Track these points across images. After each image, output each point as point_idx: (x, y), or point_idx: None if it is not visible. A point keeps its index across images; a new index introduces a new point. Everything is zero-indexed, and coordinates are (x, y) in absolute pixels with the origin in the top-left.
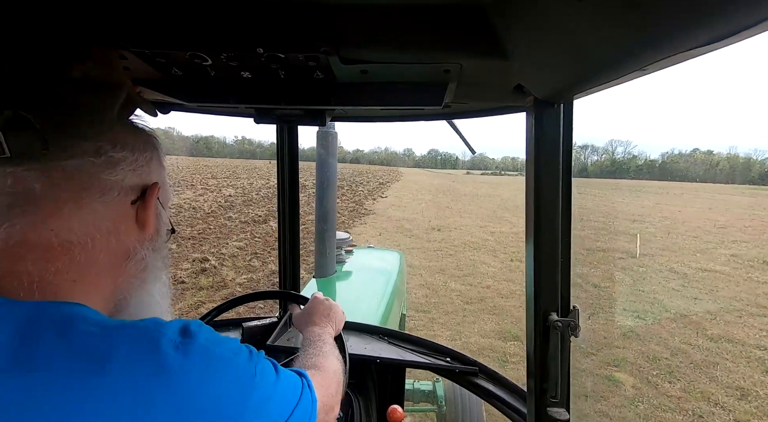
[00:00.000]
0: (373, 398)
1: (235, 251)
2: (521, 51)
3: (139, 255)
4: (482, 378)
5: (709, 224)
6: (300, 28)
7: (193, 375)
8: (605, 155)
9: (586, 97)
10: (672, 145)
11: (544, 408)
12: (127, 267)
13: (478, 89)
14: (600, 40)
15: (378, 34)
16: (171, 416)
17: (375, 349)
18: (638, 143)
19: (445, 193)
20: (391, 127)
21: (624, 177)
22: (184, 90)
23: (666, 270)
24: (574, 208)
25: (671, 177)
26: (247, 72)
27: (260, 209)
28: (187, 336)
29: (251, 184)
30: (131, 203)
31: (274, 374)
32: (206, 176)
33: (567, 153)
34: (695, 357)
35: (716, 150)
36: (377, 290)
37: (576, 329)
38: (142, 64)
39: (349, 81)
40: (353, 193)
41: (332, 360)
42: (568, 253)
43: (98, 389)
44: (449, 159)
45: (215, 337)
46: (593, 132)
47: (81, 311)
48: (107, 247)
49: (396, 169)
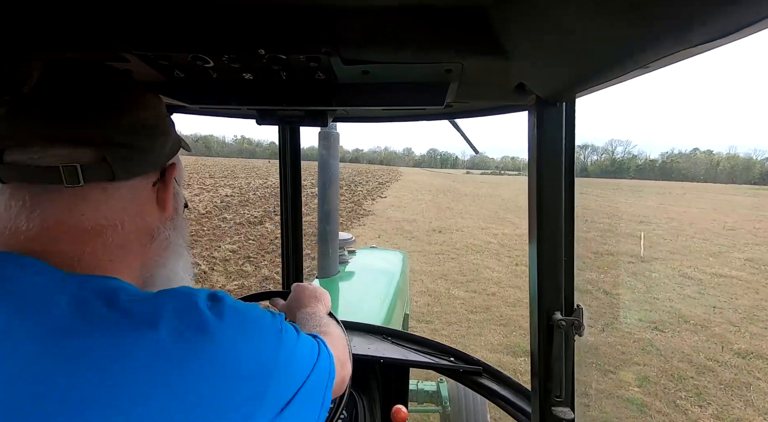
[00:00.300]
0: (376, 398)
1: (228, 254)
2: (522, 50)
3: (162, 236)
4: (486, 377)
5: (717, 225)
6: (301, 29)
7: (229, 332)
8: (605, 155)
9: (586, 97)
10: (671, 144)
11: (549, 408)
12: (152, 246)
13: (479, 88)
14: (601, 39)
15: (379, 35)
16: (214, 369)
17: (378, 349)
18: (638, 143)
19: (445, 193)
20: (391, 127)
21: (624, 176)
22: (187, 92)
23: (679, 276)
24: (577, 208)
25: (672, 177)
26: (249, 73)
27: (256, 210)
28: (215, 300)
29: (249, 183)
30: (152, 185)
31: (295, 332)
32: (204, 175)
33: (569, 151)
34: (724, 376)
35: (716, 150)
36: (380, 290)
37: (580, 328)
38: (145, 66)
39: (351, 81)
40: (352, 193)
41: (333, 327)
42: (571, 252)
43: (150, 343)
44: (449, 158)
45: (239, 303)
46: (593, 132)
47: (121, 284)
48: (135, 229)
49: (396, 168)
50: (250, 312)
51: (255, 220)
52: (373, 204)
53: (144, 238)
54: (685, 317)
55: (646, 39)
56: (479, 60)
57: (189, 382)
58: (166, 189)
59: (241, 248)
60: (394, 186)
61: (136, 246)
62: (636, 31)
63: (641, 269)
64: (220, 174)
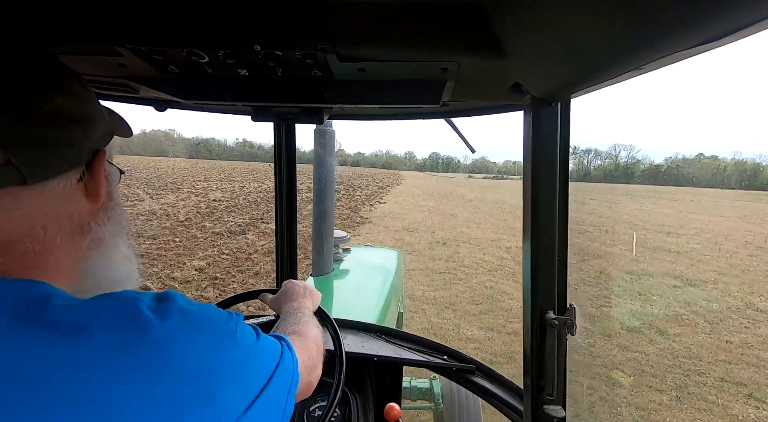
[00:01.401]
0: (370, 396)
1: (191, 274)
2: (519, 49)
3: (94, 229)
4: (479, 375)
5: (758, 238)
6: (297, 25)
7: (172, 333)
8: (608, 159)
9: (589, 101)
10: (675, 149)
11: (541, 406)
12: (84, 242)
13: (475, 87)
14: (597, 39)
15: (376, 32)
16: (155, 371)
17: (372, 347)
18: (641, 147)
19: (448, 199)
20: (392, 130)
21: (630, 182)
22: (181, 87)
23: (747, 308)
24: (592, 216)
25: (679, 182)
26: (245, 69)
27: (243, 216)
28: (163, 301)
29: (242, 187)
30: (78, 181)
31: (254, 334)
32: (198, 178)
33: (564, 151)
34: None
35: (721, 155)
36: (375, 288)
37: (572, 327)
38: (139, 61)
39: (347, 79)
40: (349, 198)
41: (311, 327)
42: (564, 251)
43: (83, 352)
44: (451, 162)
45: (192, 303)
46: (596, 136)
47: (50, 290)
48: (60, 231)
49: (397, 172)
50: (201, 313)
51: (237, 229)
52: (372, 210)
53: (74, 236)
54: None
55: (641, 40)
56: (475, 59)
57: (129, 387)
58: (94, 179)
59: (210, 265)
60: (395, 190)
61: (65, 248)
62: (631, 33)
63: (693, 297)
64: (216, 177)
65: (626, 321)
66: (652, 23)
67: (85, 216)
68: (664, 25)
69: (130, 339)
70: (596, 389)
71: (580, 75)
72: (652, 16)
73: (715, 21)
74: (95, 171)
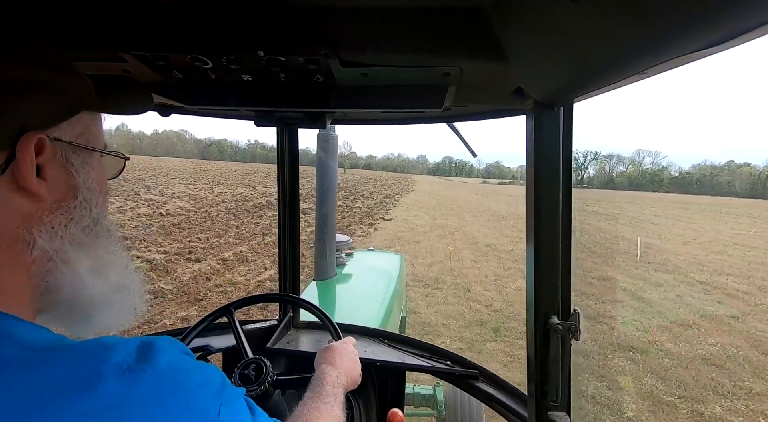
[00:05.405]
0: (373, 401)
1: None
2: (520, 54)
3: (44, 237)
4: (483, 381)
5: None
6: (300, 31)
7: (137, 409)
8: (632, 166)
9: (605, 105)
10: (703, 155)
11: (545, 412)
12: (26, 256)
13: (477, 92)
14: (599, 43)
15: (378, 38)
16: None
17: (375, 352)
18: (667, 153)
19: (474, 214)
20: (404, 134)
21: (658, 190)
22: (185, 93)
23: None
24: (648, 234)
25: (714, 191)
26: (248, 75)
27: (205, 233)
28: (144, 358)
29: (231, 191)
30: (0, 172)
31: (248, 414)
32: (182, 181)
33: (567, 155)
34: None
35: (753, 162)
36: (377, 292)
37: (576, 332)
38: (143, 66)
39: (350, 84)
40: (343, 215)
41: (334, 409)
42: (568, 256)
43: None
44: (464, 167)
45: (182, 363)
46: (617, 141)
47: (4, 326)
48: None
49: (409, 176)
50: (183, 383)
51: (191, 257)
52: (371, 232)
53: (13, 249)
54: None
55: (644, 44)
56: (478, 63)
57: None
58: (29, 169)
59: None
60: (405, 200)
61: (8, 264)
62: (634, 37)
63: None
64: (204, 180)
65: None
66: (654, 27)
67: (19, 220)
68: (666, 29)
69: (80, 415)
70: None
71: (583, 79)
72: (653, 20)
73: (718, 25)
74: (29, 158)
